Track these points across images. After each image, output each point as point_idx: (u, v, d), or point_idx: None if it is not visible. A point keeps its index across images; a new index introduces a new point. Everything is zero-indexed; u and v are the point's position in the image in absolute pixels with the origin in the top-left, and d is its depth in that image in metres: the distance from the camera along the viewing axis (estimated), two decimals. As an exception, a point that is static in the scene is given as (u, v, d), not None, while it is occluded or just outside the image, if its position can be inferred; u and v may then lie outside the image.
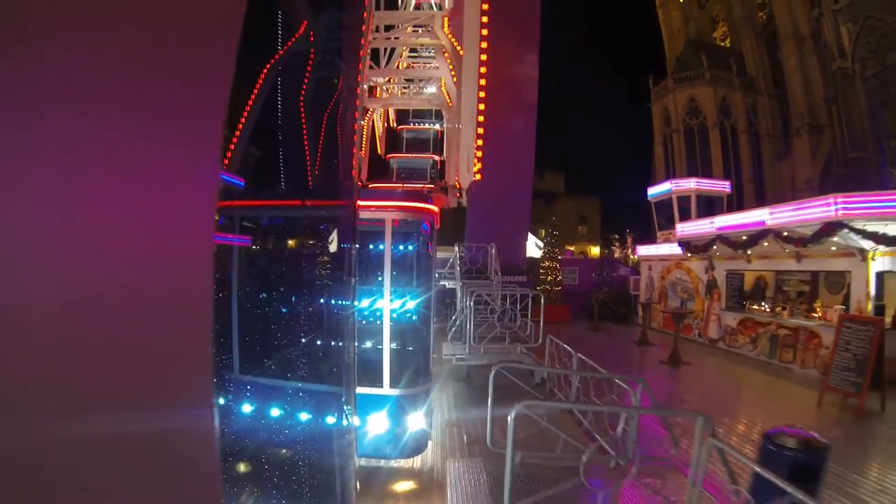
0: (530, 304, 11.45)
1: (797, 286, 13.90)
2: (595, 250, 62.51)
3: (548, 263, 22.01)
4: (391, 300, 6.58)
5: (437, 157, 32.22)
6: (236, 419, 4.67)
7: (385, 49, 33.66)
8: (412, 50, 36.24)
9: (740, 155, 47.40)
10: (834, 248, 11.12)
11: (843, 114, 33.22)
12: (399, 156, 32.64)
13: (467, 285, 12.33)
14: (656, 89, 50.74)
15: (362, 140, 32.91)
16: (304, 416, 5.15)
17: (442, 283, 14.28)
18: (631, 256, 45.87)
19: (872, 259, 10.54)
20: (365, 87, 26.43)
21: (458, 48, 22.39)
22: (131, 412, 2.11)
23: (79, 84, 1.92)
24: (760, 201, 46.88)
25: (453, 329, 11.38)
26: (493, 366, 6.49)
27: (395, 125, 41.02)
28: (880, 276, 10.81)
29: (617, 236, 62.56)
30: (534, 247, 27.45)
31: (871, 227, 9.90)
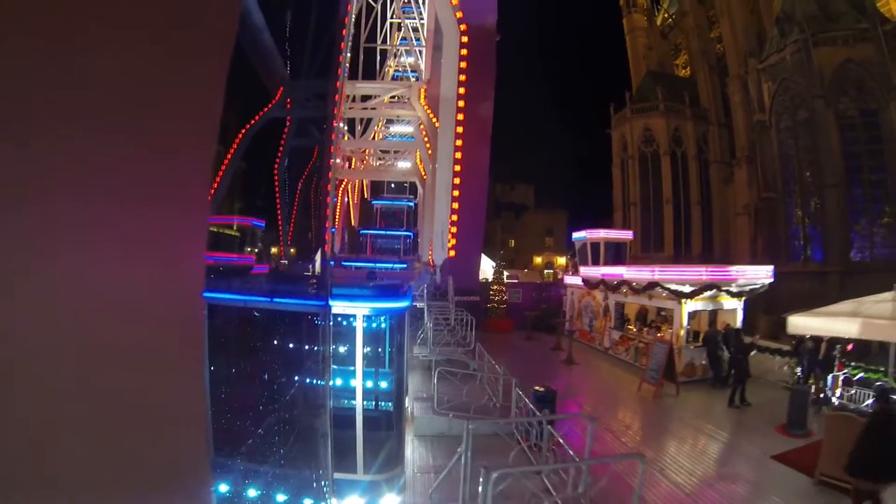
0: (472, 321, 18.61)
1: (671, 313, 21.36)
2: (561, 260, 70.22)
3: (496, 287, 29.48)
4: (363, 381, 7.39)
5: (411, 232, 33.38)
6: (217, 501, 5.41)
7: (361, 120, 35.23)
8: (388, 121, 37.62)
9: (689, 180, 55.28)
10: (665, 295, 18.53)
11: (760, 158, 41.35)
12: (372, 230, 33.76)
13: (431, 307, 19.41)
14: (616, 117, 58.42)
15: (335, 214, 33.71)
16: (282, 498, 5.88)
17: (413, 304, 21.31)
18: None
19: (685, 304, 17.93)
20: (338, 160, 28.15)
21: (434, 120, 24.80)
22: (127, 489, 2.42)
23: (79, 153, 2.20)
24: (706, 223, 55.18)
25: (421, 337, 18.40)
26: (436, 359, 13.51)
27: (369, 196, 41.82)
28: (692, 314, 18.28)
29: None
30: (489, 267, 34.52)
31: (673, 287, 17.45)
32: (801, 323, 12.30)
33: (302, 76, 23.86)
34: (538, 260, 71.02)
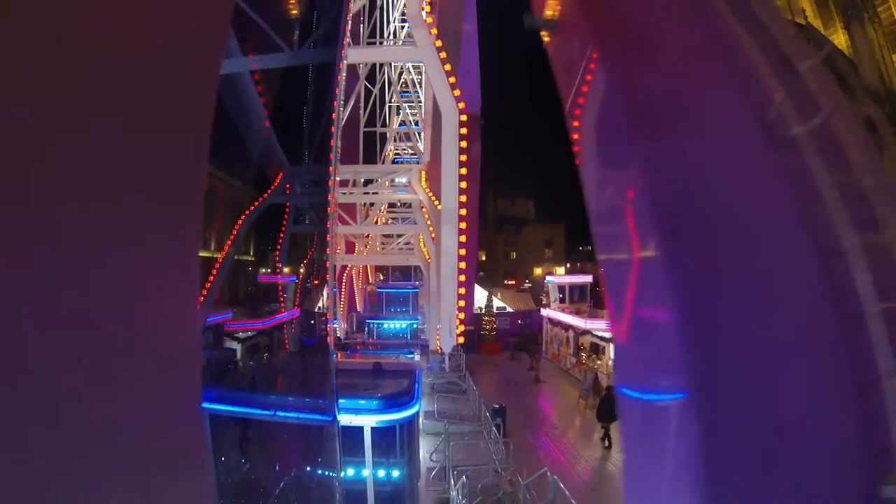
0: (463, 355, 27.92)
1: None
2: (560, 271, 78.41)
3: (487, 318, 39.16)
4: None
5: (417, 318, 35.94)
6: None
7: (364, 204, 36.87)
8: (391, 205, 39.01)
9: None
10: (600, 336, 27.82)
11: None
12: (378, 318, 35.29)
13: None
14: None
15: (337, 302, 33.49)
16: None
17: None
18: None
19: (612, 342, 27.15)
20: (337, 250, 29.64)
21: (436, 203, 26.11)
22: None
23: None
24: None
25: (427, 367, 27.67)
26: (436, 382, 22.89)
27: (374, 282, 44.58)
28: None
29: (587, 247, 78.27)
30: (483, 296, 42.89)
31: (599, 333, 26.82)
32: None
33: (300, 162, 23.97)
34: (538, 271, 78.56)
